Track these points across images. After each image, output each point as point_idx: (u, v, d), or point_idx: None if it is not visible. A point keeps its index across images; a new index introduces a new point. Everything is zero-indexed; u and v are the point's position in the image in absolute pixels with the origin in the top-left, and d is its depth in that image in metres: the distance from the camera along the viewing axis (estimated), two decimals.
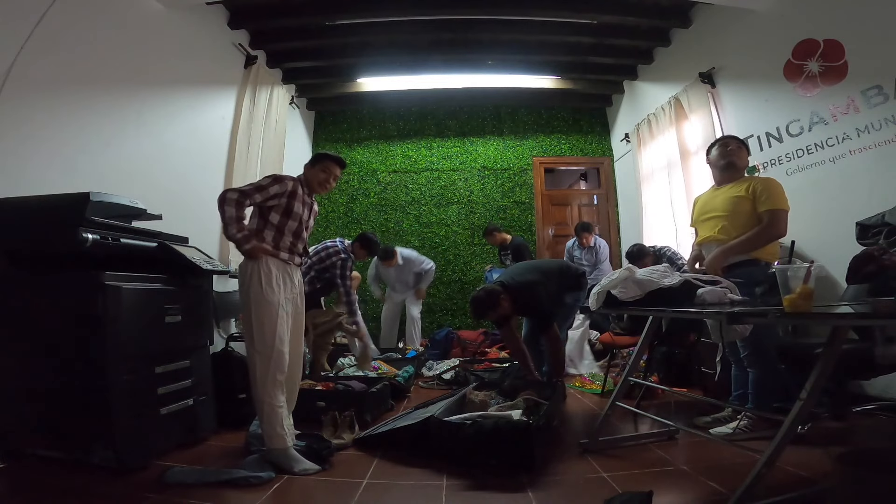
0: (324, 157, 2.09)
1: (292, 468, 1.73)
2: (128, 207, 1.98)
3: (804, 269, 1.25)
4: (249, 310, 1.83)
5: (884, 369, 1.88)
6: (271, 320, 1.81)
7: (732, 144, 2.27)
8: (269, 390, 1.78)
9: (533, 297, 2.73)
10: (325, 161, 2.07)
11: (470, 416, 1.96)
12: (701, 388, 2.77)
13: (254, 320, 1.81)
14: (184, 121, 3.33)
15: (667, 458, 1.83)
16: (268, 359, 1.79)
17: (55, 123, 2.30)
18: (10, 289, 1.81)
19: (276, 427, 1.78)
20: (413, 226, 5.56)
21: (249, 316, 1.83)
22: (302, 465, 1.75)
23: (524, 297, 2.74)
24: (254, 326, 1.80)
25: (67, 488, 1.56)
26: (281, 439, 1.77)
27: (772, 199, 2.05)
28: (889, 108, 2.49)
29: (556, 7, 3.87)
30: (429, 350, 4.34)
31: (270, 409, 1.78)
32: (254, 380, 1.80)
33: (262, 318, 1.80)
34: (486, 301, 2.69)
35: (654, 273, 1.76)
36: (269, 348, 1.79)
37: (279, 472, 1.71)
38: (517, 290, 2.75)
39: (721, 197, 2.21)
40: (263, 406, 1.78)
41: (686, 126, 4.04)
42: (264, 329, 1.80)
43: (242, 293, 1.87)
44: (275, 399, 1.79)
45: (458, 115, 5.77)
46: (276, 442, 1.77)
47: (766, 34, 3.23)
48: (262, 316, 1.81)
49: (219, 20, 3.70)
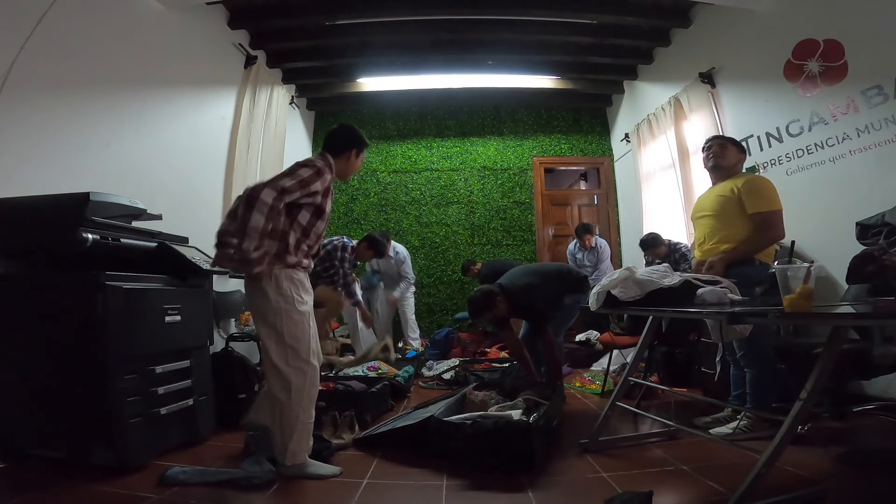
0: (363, 144, 1.93)
1: (312, 475, 1.68)
2: (128, 207, 1.98)
3: (804, 269, 1.25)
4: (276, 323, 1.66)
5: (883, 369, 1.88)
6: (305, 334, 1.70)
7: (714, 146, 2.28)
8: (304, 406, 1.68)
9: (527, 298, 2.77)
10: (363, 150, 1.93)
11: (470, 416, 1.96)
12: (701, 388, 2.77)
13: (286, 335, 1.66)
14: (184, 121, 3.33)
15: (667, 458, 1.83)
16: (304, 374, 1.68)
17: (55, 123, 2.30)
18: (10, 289, 1.81)
19: (305, 444, 1.70)
20: (413, 226, 5.56)
21: (277, 329, 1.66)
22: (324, 469, 1.71)
23: (519, 298, 2.78)
24: (287, 342, 1.66)
25: (67, 488, 1.56)
26: (305, 455, 1.70)
27: (760, 200, 2.05)
28: (889, 108, 2.49)
29: (556, 7, 3.87)
30: (429, 350, 4.35)
31: (304, 427, 1.68)
32: (286, 396, 1.66)
33: (296, 333, 1.67)
34: (483, 301, 2.74)
35: (654, 273, 1.76)
36: (304, 363, 1.69)
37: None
38: (513, 293, 2.79)
39: (711, 196, 2.25)
40: (297, 423, 1.66)
41: (686, 126, 4.05)
42: (300, 344, 1.68)
43: (265, 303, 1.66)
44: (309, 416, 1.71)
45: (458, 115, 5.77)
46: (300, 458, 1.69)
47: (766, 34, 3.23)
48: (296, 330, 1.67)
49: (219, 20, 3.70)
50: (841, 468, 1.21)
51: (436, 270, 5.44)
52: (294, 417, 1.66)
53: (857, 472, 1.17)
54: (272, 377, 1.68)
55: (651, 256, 3.77)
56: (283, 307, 1.66)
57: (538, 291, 2.79)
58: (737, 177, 2.21)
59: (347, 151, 1.89)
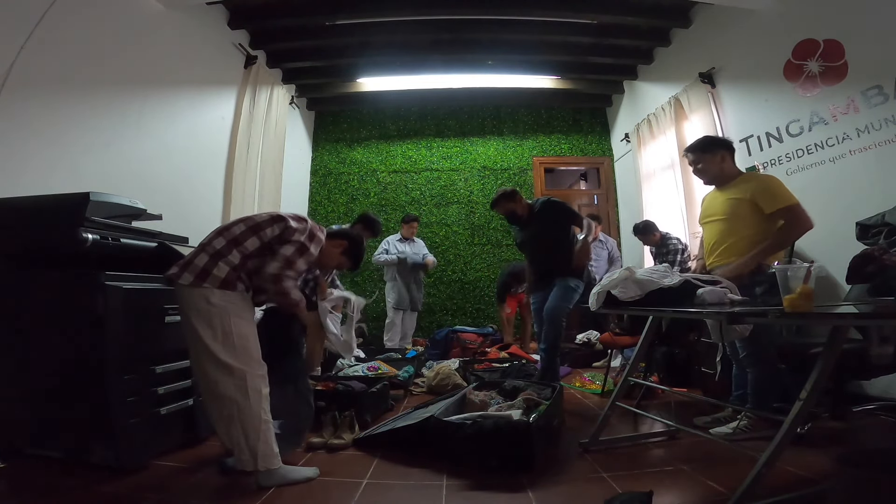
0: (361, 252, 2.09)
1: (295, 480, 1.64)
2: (128, 207, 1.98)
3: (804, 269, 1.25)
4: (222, 328, 1.60)
5: (881, 369, 1.88)
6: (253, 334, 1.67)
7: (691, 157, 2.27)
8: (263, 405, 1.61)
9: (555, 202, 2.97)
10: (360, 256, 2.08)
11: (470, 416, 1.96)
12: (701, 388, 2.77)
13: (235, 337, 1.60)
14: (184, 121, 3.33)
15: (667, 458, 1.84)
16: (255, 371, 1.62)
17: (55, 123, 2.31)
18: (10, 289, 1.81)
19: (273, 444, 1.62)
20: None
21: (223, 333, 1.59)
22: (301, 473, 1.67)
23: (544, 201, 2.99)
24: (236, 343, 1.60)
25: (67, 488, 1.56)
26: (278, 458, 1.63)
27: (778, 197, 2.02)
28: (889, 108, 2.49)
29: (556, 7, 3.87)
30: (429, 350, 4.34)
31: (267, 426, 1.61)
32: (242, 396, 1.58)
33: (244, 332, 1.63)
34: (506, 192, 2.98)
35: (655, 273, 1.76)
36: (256, 362, 1.63)
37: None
38: (539, 200, 3.02)
39: (721, 199, 2.21)
40: (261, 423, 1.59)
41: (686, 126, 4.05)
42: (248, 342, 1.63)
43: (210, 315, 1.60)
44: (268, 414, 1.63)
45: (458, 115, 5.77)
46: (273, 461, 1.61)
47: (766, 34, 3.23)
48: (244, 328, 1.63)
49: (219, 20, 3.70)
50: (841, 468, 1.21)
51: (436, 270, 5.41)
52: (256, 417, 1.58)
53: (857, 472, 1.18)
54: (222, 379, 1.57)
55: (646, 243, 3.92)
56: (232, 312, 1.62)
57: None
58: (745, 178, 2.19)
59: (345, 248, 2.04)
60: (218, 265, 1.62)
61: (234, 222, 1.78)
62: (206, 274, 1.61)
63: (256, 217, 1.78)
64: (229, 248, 1.66)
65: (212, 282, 1.60)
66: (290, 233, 1.71)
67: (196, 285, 1.60)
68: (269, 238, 1.71)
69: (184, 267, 1.63)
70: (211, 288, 1.60)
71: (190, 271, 1.61)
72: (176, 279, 1.61)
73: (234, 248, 1.67)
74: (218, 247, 1.66)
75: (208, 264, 1.62)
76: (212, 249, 1.66)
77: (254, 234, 1.70)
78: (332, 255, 2.02)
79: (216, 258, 1.64)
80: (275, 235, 1.71)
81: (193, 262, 1.63)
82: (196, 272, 1.61)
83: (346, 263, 2.09)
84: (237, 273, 1.65)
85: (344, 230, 2.37)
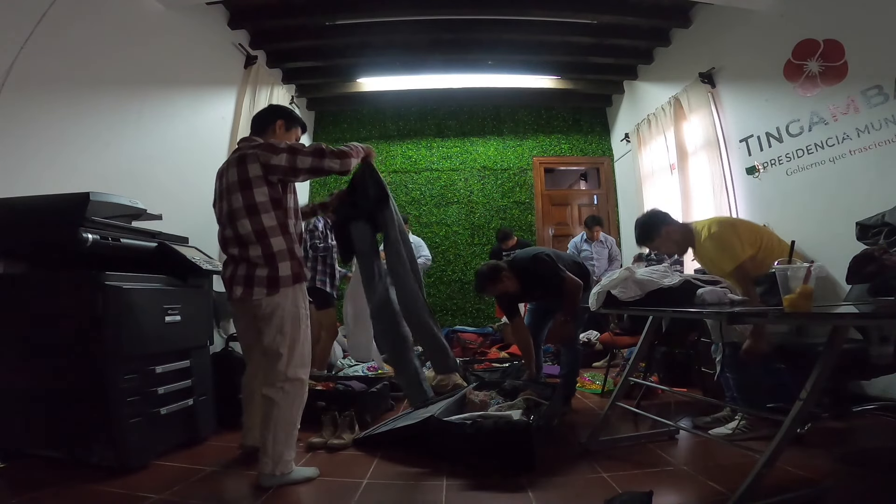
0: (298, 122, 1.94)
1: (295, 480, 1.64)
2: (128, 207, 1.98)
3: (804, 269, 1.25)
4: (290, 331, 1.66)
5: (881, 369, 1.88)
6: (309, 342, 1.73)
7: (647, 249, 2.29)
8: (299, 414, 1.69)
9: (538, 263, 2.56)
10: (299, 128, 1.93)
11: (470, 416, 1.96)
12: (701, 388, 2.77)
13: (301, 341, 1.68)
14: (184, 121, 3.33)
15: (667, 458, 1.83)
16: (303, 382, 1.69)
17: (55, 123, 2.30)
18: (10, 289, 1.81)
19: (294, 450, 1.68)
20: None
21: (290, 337, 1.66)
22: (301, 473, 1.68)
23: (526, 265, 2.61)
24: (296, 349, 1.67)
25: (67, 488, 1.56)
26: (293, 462, 1.67)
27: (723, 259, 2.00)
28: (889, 108, 2.49)
29: (556, 7, 3.87)
30: None
31: (295, 434, 1.68)
32: (288, 403, 1.64)
33: (303, 338, 1.69)
34: (488, 274, 2.60)
35: (655, 273, 1.77)
36: (307, 368, 1.71)
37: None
38: (521, 262, 2.65)
39: (699, 258, 2.24)
40: (293, 430, 1.66)
41: (686, 126, 4.05)
42: (304, 349, 1.70)
43: (281, 315, 1.66)
44: (299, 422, 1.70)
45: (458, 115, 5.77)
46: (289, 466, 1.64)
47: (766, 34, 3.23)
48: (302, 335, 1.69)
49: (219, 20, 3.70)
50: (841, 468, 1.21)
51: (436, 270, 5.43)
52: (292, 424, 1.65)
53: (857, 472, 1.17)
54: (280, 384, 1.64)
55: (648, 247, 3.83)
56: (300, 312, 1.69)
57: (546, 256, 2.60)
58: (698, 245, 2.14)
59: (286, 126, 1.91)
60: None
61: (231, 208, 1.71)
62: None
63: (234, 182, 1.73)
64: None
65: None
66: (268, 155, 1.69)
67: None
68: (266, 182, 1.67)
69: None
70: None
71: None
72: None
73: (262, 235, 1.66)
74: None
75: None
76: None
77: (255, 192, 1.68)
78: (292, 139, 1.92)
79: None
80: (259, 174, 1.68)
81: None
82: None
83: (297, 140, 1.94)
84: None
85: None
